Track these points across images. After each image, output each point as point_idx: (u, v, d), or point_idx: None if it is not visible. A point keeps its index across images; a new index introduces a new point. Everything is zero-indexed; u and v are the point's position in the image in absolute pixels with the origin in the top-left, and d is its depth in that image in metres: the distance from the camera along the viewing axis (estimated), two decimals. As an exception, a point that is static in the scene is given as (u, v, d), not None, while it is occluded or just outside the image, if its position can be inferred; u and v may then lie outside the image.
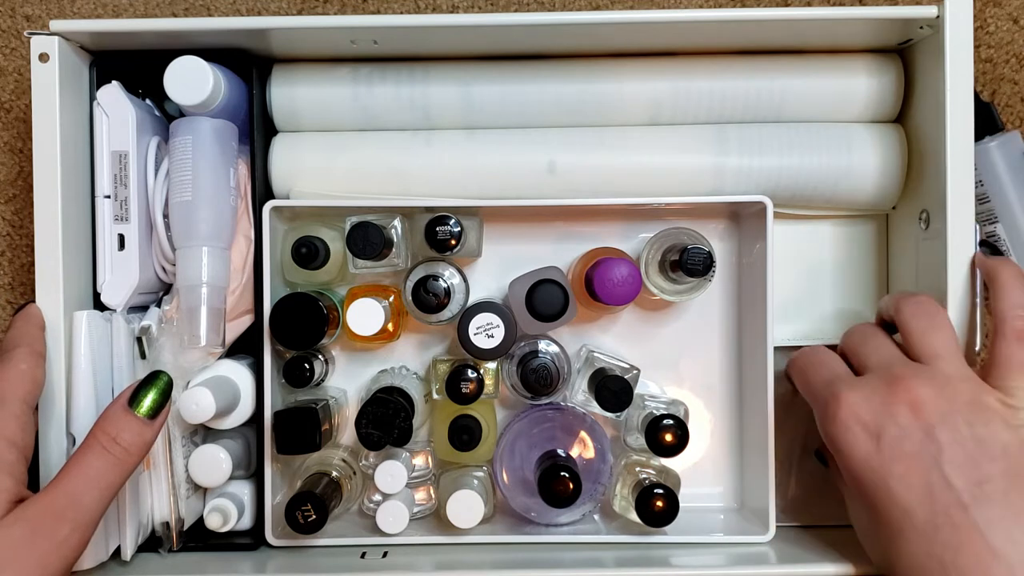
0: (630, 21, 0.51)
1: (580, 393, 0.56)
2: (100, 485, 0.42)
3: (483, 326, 0.52)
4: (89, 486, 0.42)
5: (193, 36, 0.52)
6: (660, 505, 0.51)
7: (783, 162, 0.56)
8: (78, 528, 0.42)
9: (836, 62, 0.56)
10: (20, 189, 0.63)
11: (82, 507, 0.42)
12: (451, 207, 0.54)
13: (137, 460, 0.44)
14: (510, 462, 0.56)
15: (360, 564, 0.53)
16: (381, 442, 0.51)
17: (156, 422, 0.44)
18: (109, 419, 0.44)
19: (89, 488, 0.42)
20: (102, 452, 0.43)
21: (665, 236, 0.56)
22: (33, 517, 0.41)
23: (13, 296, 0.64)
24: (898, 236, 0.59)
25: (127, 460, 0.43)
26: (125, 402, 0.44)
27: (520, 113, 0.57)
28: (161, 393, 0.44)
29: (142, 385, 0.44)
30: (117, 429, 0.43)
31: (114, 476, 0.43)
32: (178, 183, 0.51)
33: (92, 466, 0.42)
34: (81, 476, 0.42)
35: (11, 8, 0.64)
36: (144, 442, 0.44)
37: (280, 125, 0.58)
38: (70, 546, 0.41)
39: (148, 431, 0.44)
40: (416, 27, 0.52)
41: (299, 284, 0.56)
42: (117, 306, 0.52)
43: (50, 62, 0.50)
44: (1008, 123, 0.62)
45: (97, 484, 0.42)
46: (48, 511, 0.41)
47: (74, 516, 0.42)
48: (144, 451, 0.44)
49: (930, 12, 0.50)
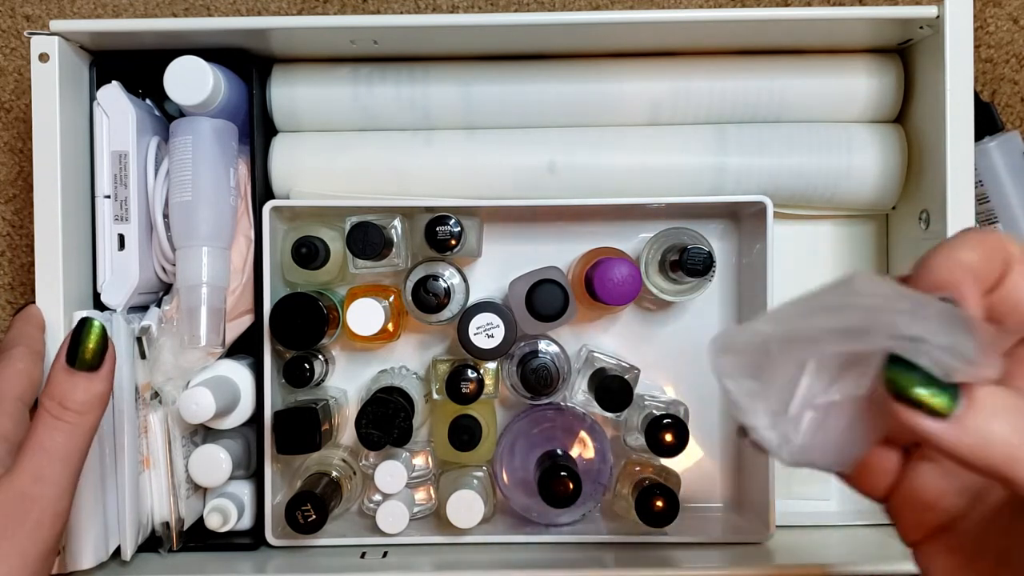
0: (630, 21, 0.51)
1: (580, 393, 0.56)
2: (60, 456, 0.40)
3: (483, 326, 0.52)
4: (48, 460, 0.40)
5: (193, 36, 0.52)
6: (660, 505, 0.51)
7: (783, 162, 0.56)
8: (48, 506, 0.40)
9: (836, 62, 0.56)
10: (20, 189, 0.63)
11: (47, 483, 0.40)
12: (451, 207, 0.54)
13: (95, 418, 0.41)
14: (510, 462, 0.56)
15: (360, 564, 0.53)
16: (381, 442, 0.51)
17: (103, 371, 0.41)
18: (53, 384, 0.40)
19: (49, 462, 0.40)
20: (53, 422, 0.40)
21: (665, 236, 0.56)
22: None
23: (13, 296, 0.64)
24: (898, 236, 0.59)
25: (82, 422, 0.40)
26: (64, 362, 0.40)
27: (520, 113, 0.57)
28: (98, 340, 0.41)
29: (75, 337, 0.41)
30: (62, 393, 0.40)
31: (73, 443, 0.40)
32: (178, 183, 0.51)
33: (47, 438, 0.40)
34: (38, 451, 0.40)
35: (11, 8, 0.64)
36: (96, 396, 0.41)
37: (280, 125, 0.58)
38: (44, 525, 0.39)
39: (97, 384, 0.41)
40: (416, 27, 0.52)
41: (299, 284, 0.56)
42: (117, 306, 0.52)
43: (50, 62, 0.50)
44: (1008, 123, 0.62)
45: (57, 456, 0.40)
46: (11, 496, 0.39)
47: (40, 494, 0.39)
48: (100, 406, 0.41)
49: (930, 12, 0.50)
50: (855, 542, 0.51)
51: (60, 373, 0.40)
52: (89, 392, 0.40)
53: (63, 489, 0.40)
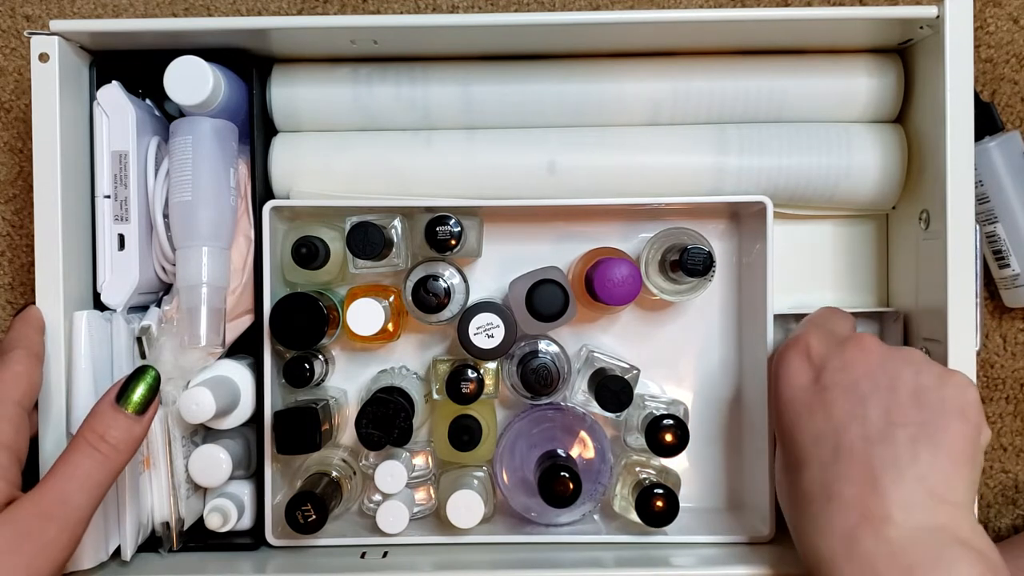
0: (630, 21, 0.51)
1: (580, 393, 0.56)
2: (88, 484, 0.42)
3: (483, 326, 0.52)
4: (77, 486, 0.41)
5: (193, 36, 0.52)
6: (660, 505, 0.51)
7: (783, 162, 0.56)
8: (66, 528, 0.41)
9: (836, 62, 0.56)
10: (20, 189, 0.63)
11: (70, 507, 0.41)
12: (451, 207, 0.54)
13: (127, 457, 0.43)
14: (510, 462, 0.56)
15: (360, 564, 0.53)
16: (381, 442, 0.51)
17: (145, 417, 0.43)
18: (97, 417, 0.43)
19: (78, 488, 0.41)
20: (90, 451, 0.42)
21: (665, 236, 0.56)
22: (20, 519, 0.41)
23: (13, 296, 0.64)
24: (898, 236, 0.59)
25: (116, 458, 0.42)
26: (113, 399, 0.43)
27: (520, 113, 0.57)
28: (149, 388, 0.43)
29: (130, 380, 0.43)
30: (105, 427, 0.42)
31: (103, 475, 0.42)
32: (178, 183, 0.51)
33: (80, 465, 0.42)
34: (69, 476, 0.41)
35: (11, 8, 0.64)
36: (133, 438, 0.43)
37: (280, 125, 0.58)
38: (58, 547, 0.41)
39: (137, 427, 0.43)
40: (416, 27, 0.52)
41: (299, 284, 0.56)
42: (117, 306, 0.52)
43: (50, 62, 0.50)
44: (1008, 123, 0.62)
45: (86, 483, 0.42)
46: (35, 513, 0.41)
47: (62, 516, 0.41)
48: (134, 448, 0.43)
49: (930, 12, 0.50)
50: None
51: (107, 408, 0.43)
52: (129, 432, 0.43)
53: (83, 516, 0.42)
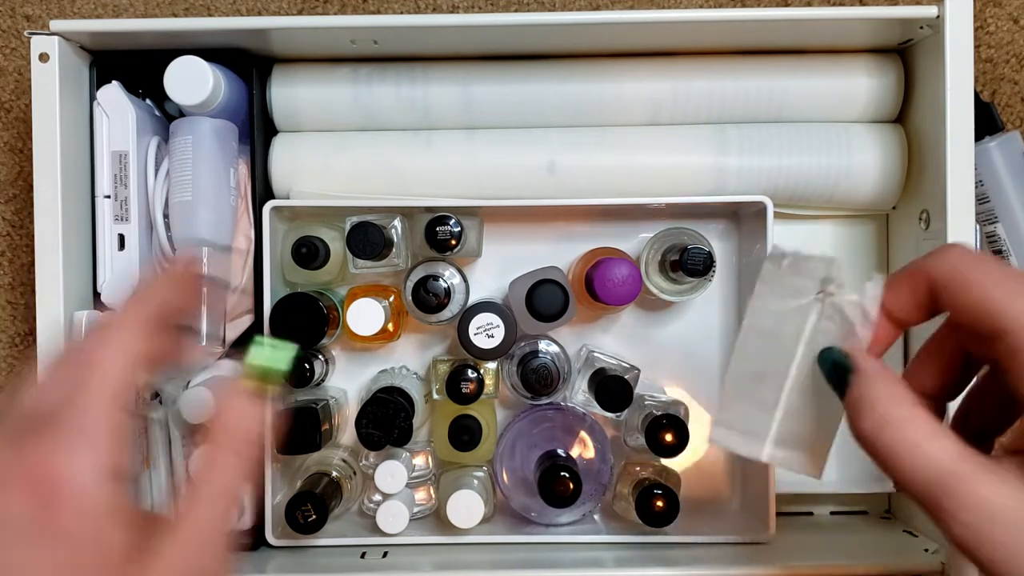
0: (630, 21, 0.51)
1: (580, 393, 0.56)
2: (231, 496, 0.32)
3: (483, 326, 0.52)
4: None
5: (193, 36, 0.52)
6: (660, 505, 0.51)
7: (783, 162, 0.56)
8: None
9: (836, 62, 0.56)
10: (20, 189, 0.63)
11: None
12: (451, 207, 0.54)
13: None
14: (510, 462, 0.56)
15: (360, 564, 0.53)
16: (381, 442, 0.51)
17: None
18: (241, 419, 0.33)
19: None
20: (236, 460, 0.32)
21: (665, 236, 0.56)
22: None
23: (13, 296, 0.64)
24: (898, 236, 0.59)
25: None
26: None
27: (520, 113, 0.57)
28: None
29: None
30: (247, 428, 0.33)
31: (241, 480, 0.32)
32: (178, 183, 0.51)
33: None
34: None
35: (11, 8, 0.64)
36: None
37: (280, 125, 0.58)
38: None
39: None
40: (416, 27, 0.52)
41: (299, 284, 0.56)
42: (117, 306, 0.52)
43: (50, 62, 0.50)
44: (1008, 123, 0.62)
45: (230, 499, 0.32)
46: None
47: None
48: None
49: (930, 12, 0.50)
50: (855, 542, 0.51)
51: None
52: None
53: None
